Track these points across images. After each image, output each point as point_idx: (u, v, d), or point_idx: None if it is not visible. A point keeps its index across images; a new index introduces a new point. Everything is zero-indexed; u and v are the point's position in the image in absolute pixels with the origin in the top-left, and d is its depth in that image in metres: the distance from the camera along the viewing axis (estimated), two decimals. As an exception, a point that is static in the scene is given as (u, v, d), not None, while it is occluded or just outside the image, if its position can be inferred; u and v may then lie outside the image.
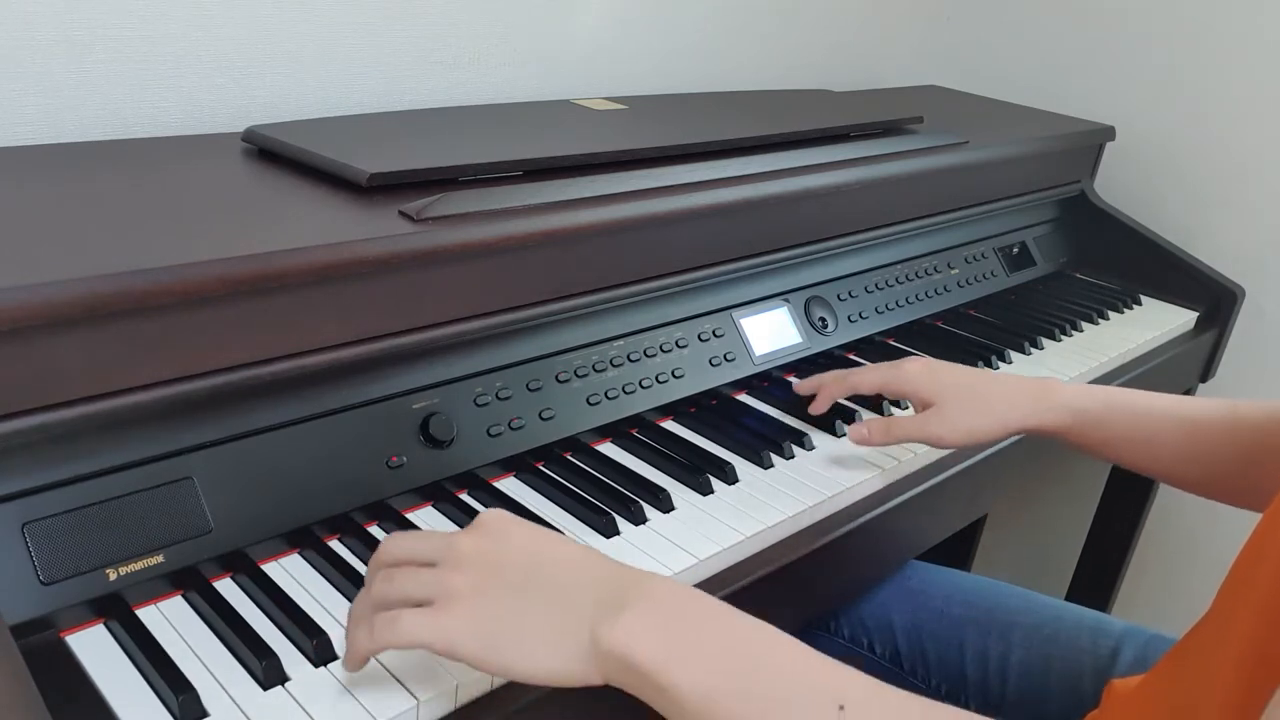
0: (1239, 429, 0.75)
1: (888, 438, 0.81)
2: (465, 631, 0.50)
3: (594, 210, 0.80)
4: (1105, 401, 0.80)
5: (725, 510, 0.78)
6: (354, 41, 1.01)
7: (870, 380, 0.85)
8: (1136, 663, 0.81)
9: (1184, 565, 1.58)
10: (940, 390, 0.81)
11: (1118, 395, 0.81)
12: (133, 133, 0.90)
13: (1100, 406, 0.80)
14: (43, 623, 0.57)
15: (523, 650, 0.50)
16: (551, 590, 0.51)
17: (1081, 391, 0.82)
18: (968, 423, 0.80)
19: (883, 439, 0.81)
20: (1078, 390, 0.82)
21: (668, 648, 0.48)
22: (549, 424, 0.81)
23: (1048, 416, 0.80)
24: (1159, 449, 0.79)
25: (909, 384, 0.82)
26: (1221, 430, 0.76)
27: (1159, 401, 0.80)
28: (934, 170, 1.13)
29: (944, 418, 0.80)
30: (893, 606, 0.91)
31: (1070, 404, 0.80)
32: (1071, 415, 0.80)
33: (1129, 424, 0.79)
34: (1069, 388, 0.82)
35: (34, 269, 0.56)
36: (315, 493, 0.68)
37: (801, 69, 1.50)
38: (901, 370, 0.83)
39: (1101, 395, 0.81)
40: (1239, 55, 1.39)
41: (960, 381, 0.82)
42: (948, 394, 0.81)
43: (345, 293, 0.68)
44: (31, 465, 0.57)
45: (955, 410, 0.80)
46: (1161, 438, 0.78)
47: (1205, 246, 1.42)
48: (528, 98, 1.16)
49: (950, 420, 0.80)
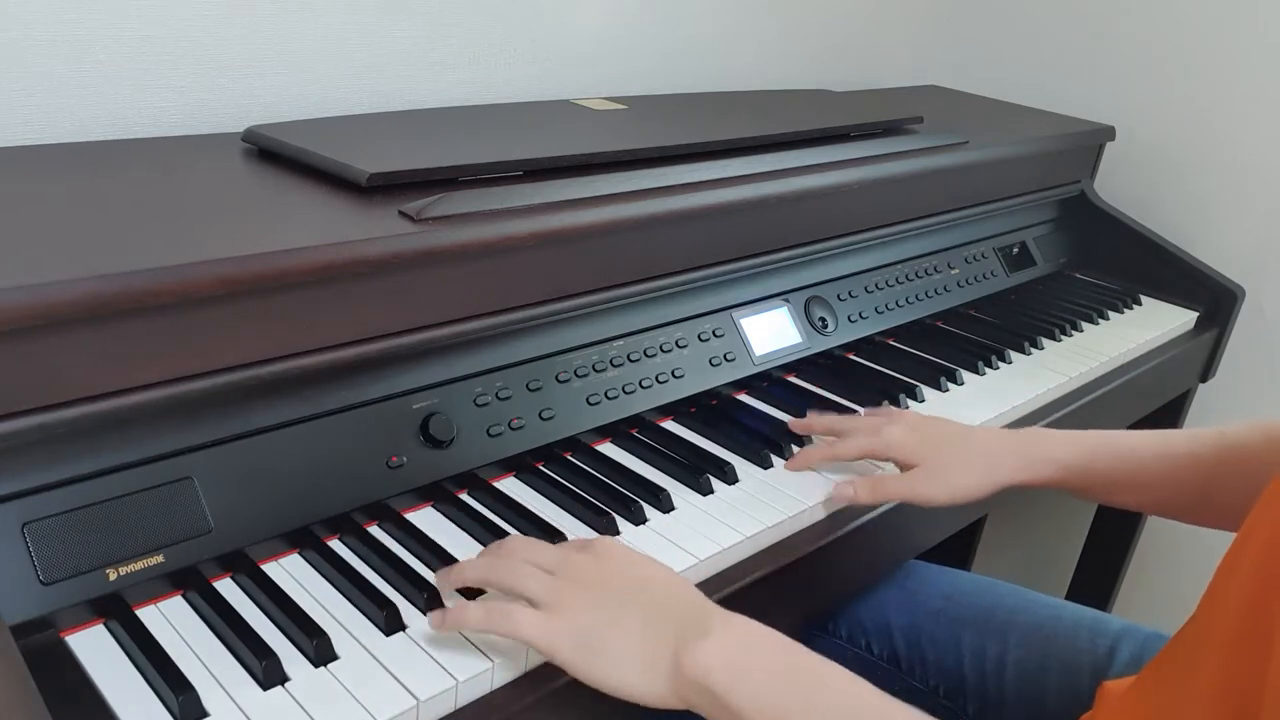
0: (1231, 454, 0.75)
1: (874, 498, 0.80)
2: (569, 639, 0.57)
3: (594, 210, 0.80)
4: (1092, 449, 0.80)
5: (725, 510, 0.78)
6: (354, 41, 1.01)
7: (855, 449, 0.84)
8: (1134, 661, 0.81)
9: (1184, 565, 1.58)
10: (926, 451, 0.81)
11: (1104, 440, 0.80)
12: (133, 133, 0.90)
13: (1087, 455, 0.80)
14: (43, 623, 0.57)
15: (614, 665, 0.56)
16: (647, 615, 0.57)
17: (1068, 441, 0.81)
18: (955, 481, 0.79)
19: (869, 499, 0.80)
20: (1064, 440, 0.81)
21: (741, 673, 0.54)
22: (549, 424, 0.81)
23: (1036, 470, 0.80)
24: (1152, 487, 0.78)
25: (894, 450, 0.81)
26: (1216, 459, 0.75)
27: (1148, 439, 0.79)
28: (934, 170, 1.13)
29: (931, 477, 0.79)
30: (891, 607, 0.91)
31: (1057, 457, 0.80)
32: (1059, 468, 0.80)
33: (1118, 467, 0.79)
34: (1055, 438, 0.81)
35: (34, 269, 0.56)
36: (315, 493, 0.68)
37: (801, 69, 1.50)
38: (885, 436, 0.82)
39: (1088, 443, 0.80)
40: (1239, 55, 1.39)
41: (945, 440, 0.82)
42: (934, 454, 0.80)
43: (345, 293, 0.68)
44: (31, 465, 0.57)
45: (942, 470, 0.79)
46: (1154, 476, 0.78)
47: (1205, 246, 1.42)
48: (528, 98, 1.16)
49: (937, 480, 0.79)
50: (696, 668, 0.54)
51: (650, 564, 0.62)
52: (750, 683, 0.54)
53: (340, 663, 0.58)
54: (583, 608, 0.58)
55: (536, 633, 0.57)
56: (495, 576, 0.60)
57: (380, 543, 0.69)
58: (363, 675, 0.58)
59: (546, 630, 0.57)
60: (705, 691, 0.54)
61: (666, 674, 0.55)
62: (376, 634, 0.61)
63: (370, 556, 0.67)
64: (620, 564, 0.61)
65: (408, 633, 0.61)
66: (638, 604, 0.58)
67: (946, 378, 1.04)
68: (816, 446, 0.86)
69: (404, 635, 0.61)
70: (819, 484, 0.83)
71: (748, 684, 0.54)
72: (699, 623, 0.57)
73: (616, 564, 0.60)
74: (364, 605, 0.63)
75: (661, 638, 0.56)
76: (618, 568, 0.60)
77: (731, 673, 0.54)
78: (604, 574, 0.59)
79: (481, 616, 0.58)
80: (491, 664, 0.59)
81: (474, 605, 0.59)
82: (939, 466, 0.80)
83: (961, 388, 1.05)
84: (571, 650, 0.57)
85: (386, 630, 0.61)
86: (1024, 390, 1.06)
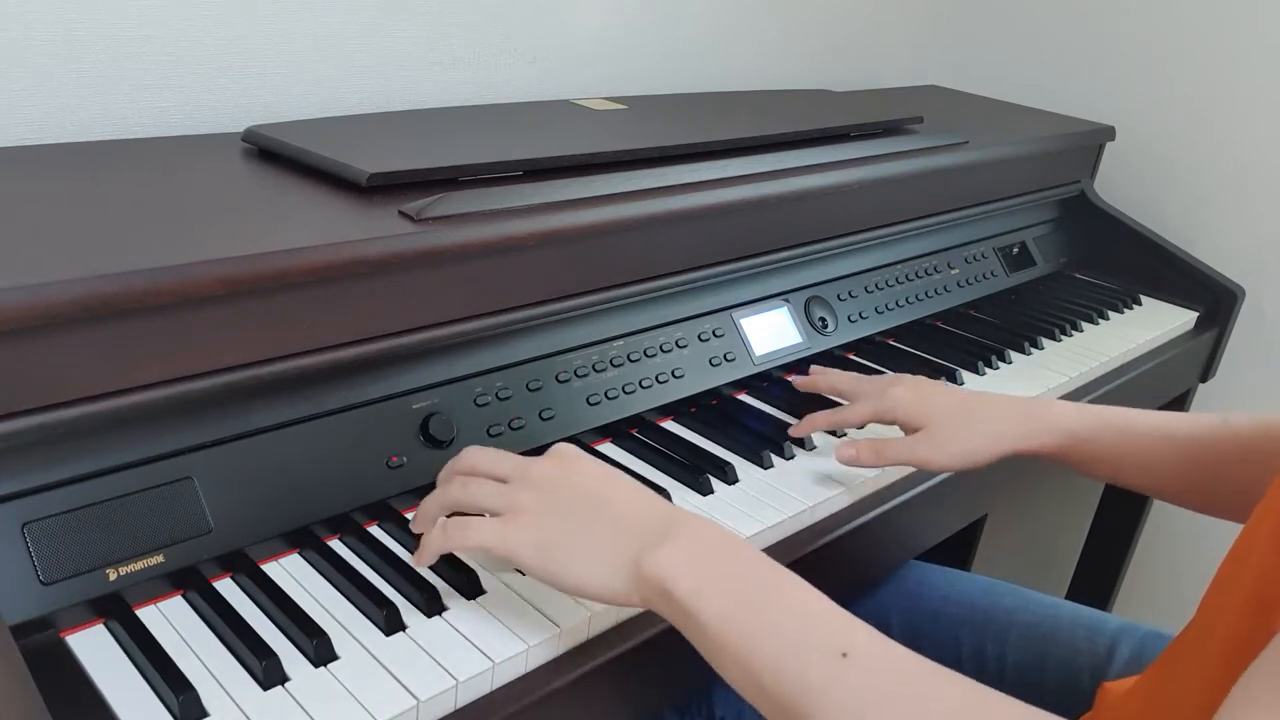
0: (1233, 442, 0.74)
1: (877, 460, 0.80)
2: (527, 542, 0.57)
3: (594, 210, 0.80)
4: (1099, 421, 0.79)
5: (725, 510, 0.78)
6: (354, 41, 1.01)
7: (860, 415, 0.83)
8: (1133, 660, 0.81)
9: (1184, 565, 1.58)
10: (930, 413, 0.80)
11: (1112, 414, 0.80)
12: (133, 133, 0.90)
13: (1093, 427, 0.79)
14: (43, 623, 0.57)
15: (574, 565, 0.56)
16: (607, 517, 0.58)
17: (1075, 411, 0.80)
18: (959, 445, 0.79)
19: (872, 460, 0.80)
20: (1071, 410, 0.80)
21: (697, 577, 0.53)
22: (549, 424, 0.81)
23: (1041, 438, 0.79)
24: (1154, 468, 0.78)
25: (899, 411, 0.81)
26: (1217, 445, 0.75)
27: (1153, 419, 0.79)
28: (934, 170, 1.13)
29: (934, 441, 0.79)
30: (890, 607, 0.91)
31: (1063, 425, 0.79)
32: (1065, 437, 0.79)
33: (1123, 443, 0.78)
34: (1062, 407, 0.81)
35: (34, 269, 0.56)
36: (315, 493, 0.68)
37: (801, 69, 1.50)
38: (890, 398, 0.82)
39: (1095, 415, 0.80)
40: (1239, 55, 1.39)
41: (950, 403, 0.81)
42: (938, 417, 0.80)
43: (345, 293, 0.68)
44: (31, 465, 0.57)
45: (946, 433, 0.79)
46: (1157, 456, 0.77)
47: (1205, 246, 1.42)
48: (528, 98, 1.16)
49: (941, 443, 0.79)
50: (656, 569, 0.54)
51: (610, 471, 0.62)
52: (706, 585, 0.53)
53: (340, 663, 0.58)
54: (544, 514, 0.58)
55: (493, 539, 0.57)
56: (451, 499, 0.61)
57: (380, 543, 0.69)
58: (363, 675, 0.58)
59: (502, 536, 0.57)
60: (664, 594, 0.54)
61: (626, 574, 0.56)
62: (376, 634, 0.61)
63: (370, 556, 0.67)
64: (581, 468, 0.61)
65: (408, 633, 0.61)
66: (597, 505, 0.58)
67: (946, 378, 1.04)
68: (823, 411, 0.85)
69: (404, 635, 0.61)
70: (819, 484, 0.83)
71: (704, 587, 0.53)
72: (660, 527, 0.56)
73: (577, 467, 0.61)
74: (364, 605, 0.63)
75: (620, 539, 0.56)
76: (578, 471, 0.60)
77: (690, 577, 0.54)
78: (563, 480, 0.60)
79: (440, 537, 0.59)
80: (492, 664, 0.59)
81: (435, 531, 0.59)
82: (943, 431, 0.79)
83: (961, 388, 1.05)
84: (531, 554, 0.57)
85: (386, 630, 0.61)
86: (1024, 390, 1.06)
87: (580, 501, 0.58)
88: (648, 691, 0.70)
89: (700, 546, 0.56)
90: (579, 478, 0.60)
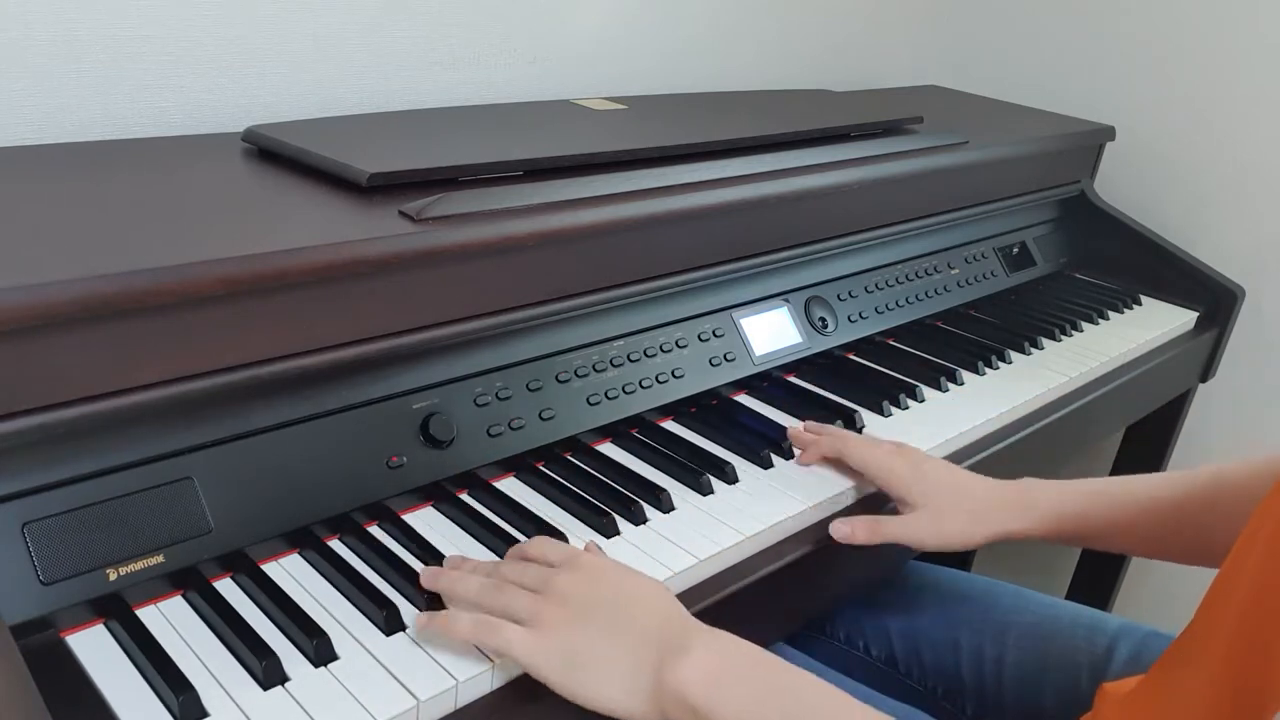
0: (1222, 495, 0.74)
1: (872, 538, 0.80)
2: (553, 656, 0.58)
3: (594, 210, 0.80)
4: (1086, 498, 0.80)
5: (725, 510, 0.78)
6: (354, 41, 1.01)
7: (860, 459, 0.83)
8: (1132, 660, 0.81)
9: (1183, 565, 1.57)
10: (925, 493, 0.80)
11: (1096, 489, 0.80)
12: (133, 133, 0.90)
13: (1081, 505, 0.80)
14: (43, 623, 0.57)
15: (597, 682, 0.58)
16: (630, 632, 0.59)
17: (1060, 491, 0.81)
18: (951, 529, 0.79)
19: (866, 539, 0.80)
20: (1056, 491, 0.81)
21: (721, 689, 0.56)
22: (549, 424, 0.81)
23: (1029, 521, 0.80)
24: (1144, 533, 0.78)
25: (896, 484, 0.81)
26: (1207, 501, 0.75)
27: (1141, 485, 0.79)
28: (934, 170, 1.13)
29: (929, 522, 0.80)
30: (889, 608, 0.91)
31: (1050, 508, 0.80)
32: (1053, 519, 0.80)
33: (1111, 516, 0.79)
34: (1047, 490, 0.81)
35: (34, 269, 0.56)
36: (315, 493, 0.68)
37: (801, 69, 1.50)
38: (889, 471, 0.82)
39: (1080, 493, 0.80)
40: (1239, 55, 1.39)
41: (943, 486, 0.81)
42: (932, 498, 0.80)
43: (345, 293, 0.68)
44: (31, 465, 0.57)
45: (939, 515, 0.80)
46: (1145, 521, 0.78)
47: (1205, 246, 1.42)
48: (528, 98, 1.16)
49: (935, 526, 0.79)
50: (677, 683, 0.56)
51: (633, 578, 0.63)
52: (729, 697, 0.55)
53: (340, 663, 0.58)
54: (567, 626, 0.59)
55: (521, 650, 0.58)
56: (485, 600, 0.61)
57: (380, 543, 0.69)
58: (363, 675, 0.58)
59: (531, 648, 0.58)
60: (686, 706, 0.56)
61: (648, 690, 0.57)
62: (376, 634, 0.61)
63: (370, 556, 0.68)
64: (604, 581, 0.62)
65: (408, 633, 0.61)
66: (621, 622, 0.59)
67: (946, 378, 1.04)
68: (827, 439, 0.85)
69: (404, 635, 0.61)
70: (819, 484, 0.83)
71: (727, 699, 0.55)
72: (680, 639, 0.58)
73: (600, 581, 0.62)
74: (364, 605, 0.63)
75: (644, 654, 0.58)
76: (602, 584, 0.61)
77: (711, 688, 0.56)
78: (589, 592, 0.61)
79: (470, 628, 0.60)
80: (491, 664, 0.60)
81: (464, 616, 0.60)
82: (934, 511, 0.80)
83: (961, 388, 1.05)
84: (556, 667, 0.58)
85: (386, 630, 0.61)
86: (1024, 390, 1.06)
87: (604, 616, 0.60)
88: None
89: (721, 657, 0.58)
90: (602, 591, 0.61)
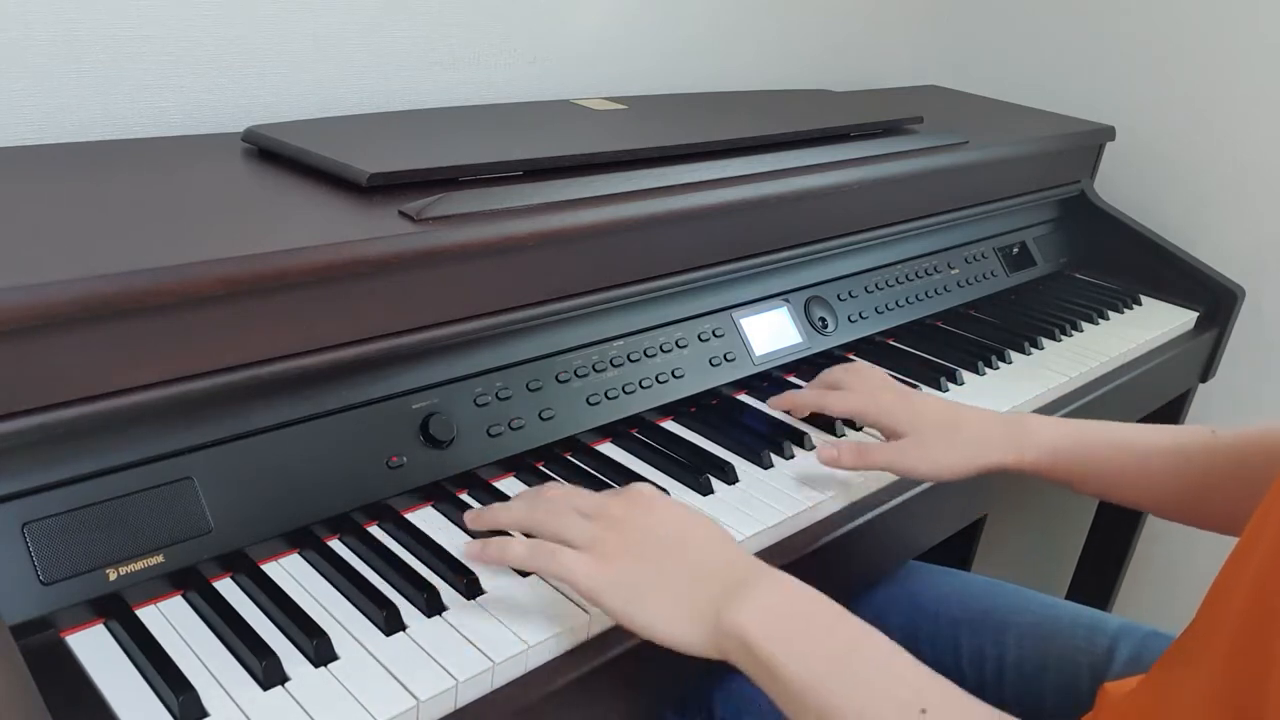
0: (1223, 454, 0.74)
1: (858, 462, 0.79)
2: (613, 583, 0.57)
3: (594, 210, 0.80)
4: (1081, 436, 0.79)
5: (725, 510, 0.78)
6: (354, 41, 1.01)
7: (846, 406, 0.83)
8: (1133, 660, 0.81)
9: (1184, 565, 1.58)
10: (916, 422, 0.80)
11: (1093, 429, 0.79)
12: (133, 133, 0.90)
13: (1078, 444, 0.78)
14: (43, 623, 0.57)
15: (658, 613, 0.57)
16: (690, 566, 0.58)
17: (1056, 426, 0.80)
18: (942, 457, 0.78)
19: (852, 462, 0.79)
20: (1053, 425, 0.80)
21: (778, 631, 0.54)
22: (549, 424, 0.81)
23: (1023, 453, 0.79)
24: (1137, 480, 0.77)
25: (885, 416, 0.81)
26: (1206, 457, 0.75)
27: (1139, 433, 0.78)
28: (934, 170, 1.13)
29: (918, 450, 0.78)
30: (889, 608, 0.91)
31: (1047, 442, 0.79)
32: (1048, 453, 0.79)
33: (1107, 458, 0.78)
34: (1044, 423, 0.80)
35: (34, 269, 0.56)
36: (315, 493, 0.68)
37: (801, 69, 1.50)
38: (878, 403, 0.82)
39: (1076, 430, 0.79)
40: (1239, 55, 1.39)
41: (936, 414, 0.81)
42: (924, 426, 0.80)
43: (345, 293, 0.68)
44: (31, 465, 0.57)
45: (930, 443, 0.79)
46: (1140, 469, 0.77)
47: (1205, 246, 1.42)
48: (528, 98, 1.16)
49: (924, 452, 0.78)
50: (736, 622, 0.55)
51: (690, 515, 0.62)
52: (788, 641, 0.54)
53: (340, 663, 0.58)
54: (627, 556, 0.58)
55: (581, 575, 0.58)
56: (535, 520, 0.60)
57: (380, 543, 0.69)
58: (363, 675, 0.58)
59: (593, 575, 0.58)
60: (743, 646, 0.55)
61: (708, 628, 0.56)
62: (376, 634, 0.61)
63: (370, 556, 0.68)
64: (658, 510, 0.61)
65: (408, 633, 0.61)
66: (680, 555, 0.58)
67: (946, 378, 1.04)
68: (806, 391, 0.85)
69: (404, 635, 0.61)
70: (819, 484, 0.83)
71: (785, 642, 0.54)
72: (741, 577, 0.57)
73: (654, 510, 0.61)
74: (364, 605, 0.63)
75: (702, 591, 0.57)
76: (659, 516, 0.61)
77: (770, 629, 0.54)
78: (646, 522, 0.60)
79: (527, 554, 0.59)
80: (492, 664, 0.60)
81: (518, 541, 0.60)
82: (927, 440, 0.79)
83: (961, 388, 1.05)
84: (617, 598, 0.57)
85: (386, 630, 0.61)
86: (1024, 390, 1.06)
87: (663, 547, 0.59)
88: (647, 692, 0.70)
89: (780, 599, 0.56)
90: (660, 521, 0.60)
